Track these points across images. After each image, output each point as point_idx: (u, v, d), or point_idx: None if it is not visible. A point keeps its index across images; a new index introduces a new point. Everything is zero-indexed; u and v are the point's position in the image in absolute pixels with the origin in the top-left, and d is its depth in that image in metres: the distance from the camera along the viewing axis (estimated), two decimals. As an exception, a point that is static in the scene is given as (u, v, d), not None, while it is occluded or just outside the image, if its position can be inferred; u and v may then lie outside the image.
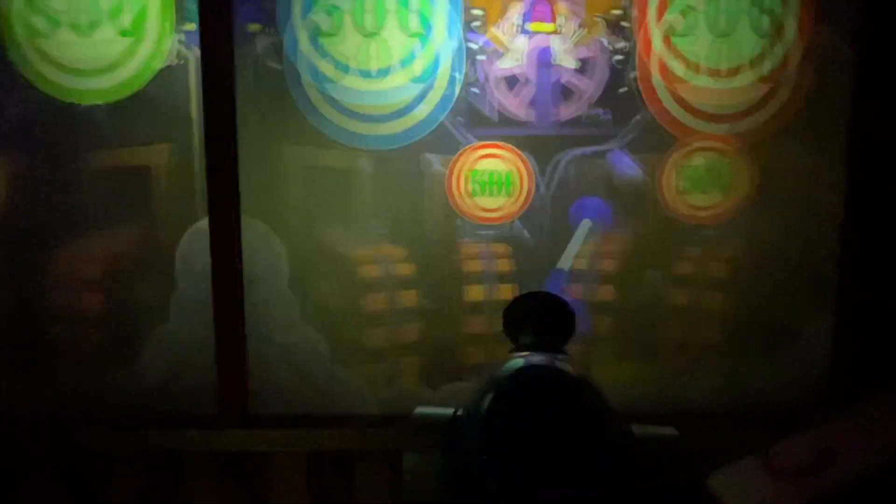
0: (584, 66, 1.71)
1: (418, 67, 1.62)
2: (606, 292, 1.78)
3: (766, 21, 1.60)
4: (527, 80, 1.72)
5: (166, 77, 1.65)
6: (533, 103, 1.73)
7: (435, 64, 1.62)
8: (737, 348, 1.73)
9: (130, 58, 1.61)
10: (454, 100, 1.65)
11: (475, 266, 1.77)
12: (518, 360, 0.83)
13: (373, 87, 1.64)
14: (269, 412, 1.65)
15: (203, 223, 1.64)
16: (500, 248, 1.78)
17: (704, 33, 1.62)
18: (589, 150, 1.77)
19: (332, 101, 1.64)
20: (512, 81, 1.72)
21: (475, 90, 1.71)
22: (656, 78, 1.65)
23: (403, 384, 1.75)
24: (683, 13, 1.62)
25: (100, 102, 1.64)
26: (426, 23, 1.61)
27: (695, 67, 1.64)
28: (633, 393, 1.53)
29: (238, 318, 1.64)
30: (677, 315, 1.77)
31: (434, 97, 1.64)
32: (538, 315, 0.99)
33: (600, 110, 1.72)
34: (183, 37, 1.65)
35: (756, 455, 0.48)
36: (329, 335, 1.70)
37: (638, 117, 1.69)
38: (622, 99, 1.70)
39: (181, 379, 1.67)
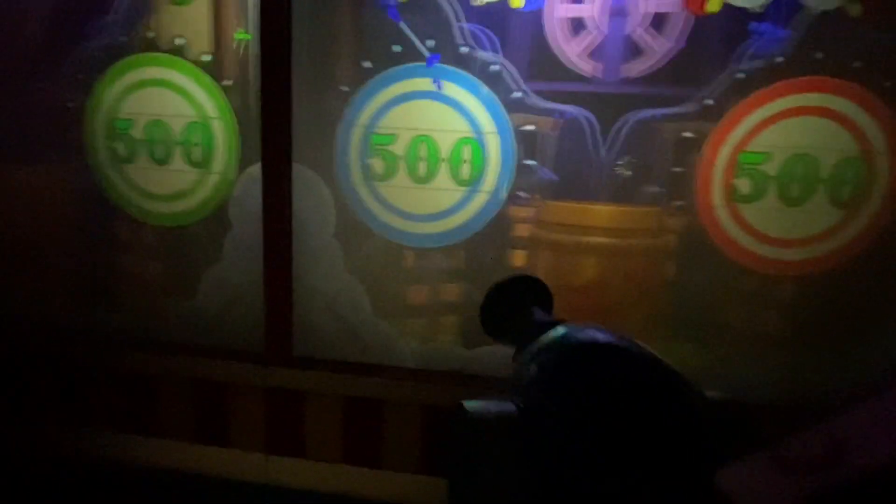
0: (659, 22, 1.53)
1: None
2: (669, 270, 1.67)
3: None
4: (595, 27, 1.57)
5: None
6: (599, 55, 1.59)
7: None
8: (804, 340, 1.58)
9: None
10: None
11: (521, 230, 1.71)
12: (576, 336, 0.75)
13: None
14: (310, 355, 1.73)
15: (256, 168, 1.69)
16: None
17: None
18: (659, 112, 1.61)
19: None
20: (577, 26, 1.58)
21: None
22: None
23: (440, 341, 1.76)
24: None
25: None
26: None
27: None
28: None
29: (286, 262, 1.70)
30: (743, 301, 1.64)
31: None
32: (535, 293, 0.97)
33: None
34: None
35: (766, 450, 0.46)
36: (371, 287, 1.73)
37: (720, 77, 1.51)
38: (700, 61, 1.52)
39: (232, 315, 1.78)
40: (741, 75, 1.51)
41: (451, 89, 1.61)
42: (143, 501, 1.79)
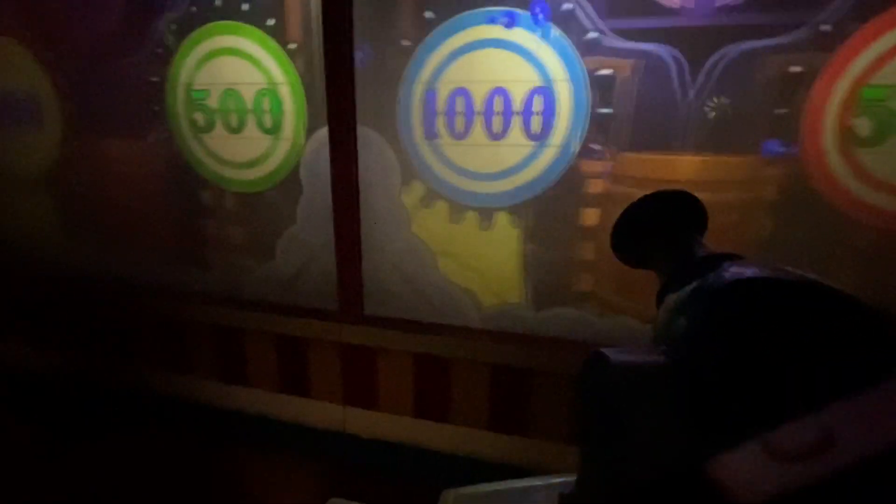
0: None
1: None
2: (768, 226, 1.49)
3: None
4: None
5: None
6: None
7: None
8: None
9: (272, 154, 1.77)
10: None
11: (594, 186, 1.59)
12: (739, 274, 0.59)
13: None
14: (380, 313, 1.78)
15: (324, 132, 1.70)
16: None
17: None
18: (761, 43, 1.39)
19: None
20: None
21: None
22: None
23: (507, 302, 1.73)
24: None
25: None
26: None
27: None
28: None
29: (354, 224, 1.73)
30: (855, 257, 1.43)
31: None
32: (686, 211, 0.75)
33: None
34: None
35: (756, 438, 0.43)
36: (437, 247, 1.72)
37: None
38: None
39: (309, 275, 1.86)
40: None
41: (519, 34, 1.49)
42: (233, 442, 1.98)
